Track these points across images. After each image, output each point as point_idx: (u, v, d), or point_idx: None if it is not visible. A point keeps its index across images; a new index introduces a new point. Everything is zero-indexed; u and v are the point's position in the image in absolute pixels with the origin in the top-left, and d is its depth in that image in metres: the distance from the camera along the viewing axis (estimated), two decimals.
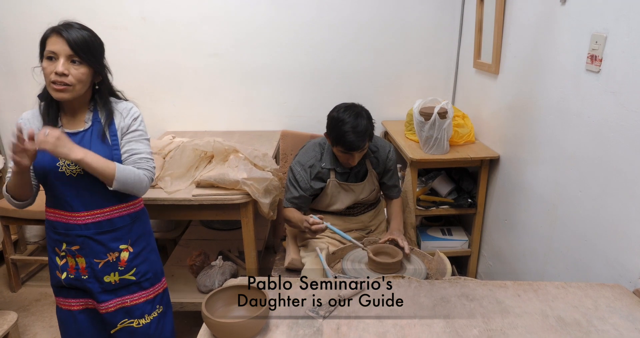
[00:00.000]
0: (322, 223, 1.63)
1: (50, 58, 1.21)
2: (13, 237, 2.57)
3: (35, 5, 2.46)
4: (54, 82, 1.21)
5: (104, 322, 1.42)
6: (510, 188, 2.00)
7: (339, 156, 1.73)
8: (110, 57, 1.34)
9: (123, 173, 1.27)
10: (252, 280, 1.17)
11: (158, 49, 2.55)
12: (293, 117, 2.71)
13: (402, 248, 1.63)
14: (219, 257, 2.07)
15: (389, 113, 2.71)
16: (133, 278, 1.41)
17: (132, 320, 1.43)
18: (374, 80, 2.66)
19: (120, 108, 1.37)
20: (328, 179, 1.79)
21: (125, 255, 1.39)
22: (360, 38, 2.57)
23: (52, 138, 1.15)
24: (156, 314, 1.47)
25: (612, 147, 1.34)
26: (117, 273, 1.38)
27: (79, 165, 1.25)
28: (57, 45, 1.20)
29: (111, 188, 1.28)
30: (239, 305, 1.11)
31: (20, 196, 1.31)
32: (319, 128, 2.54)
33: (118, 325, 1.42)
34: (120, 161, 1.32)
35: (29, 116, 1.33)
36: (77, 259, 1.36)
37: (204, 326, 1.07)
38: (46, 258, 2.51)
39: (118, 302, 1.40)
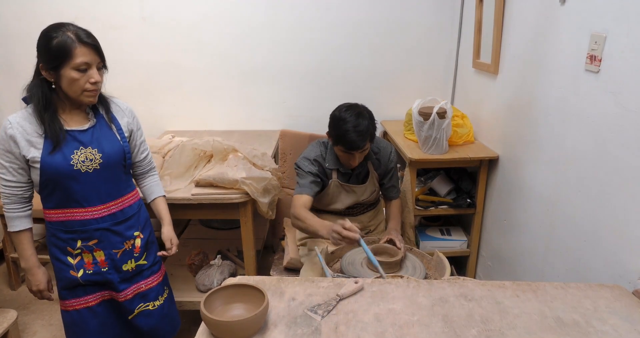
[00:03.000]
0: (357, 233, 1.46)
1: (81, 70, 1.22)
2: None
3: (37, 4, 2.46)
4: (87, 91, 1.25)
5: (120, 310, 1.47)
6: (510, 188, 2.00)
7: (340, 155, 1.72)
8: (110, 57, 1.35)
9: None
10: (250, 279, 1.17)
11: (158, 49, 2.55)
12: (292, 116, 2.71)
13: (398, 249, 1.63)
14: (218, 256, 2.07)
15: (388, 113, 2.71)
16: (146, 262, 1.49)
17: (148, 304, 1.49)
18: (373, 80, 2.66)
19: (118, 104, 1.44)
20: (330, 180, 1.79)
21: (138, 242, 1.46)
22: (360, 38, 2.57)
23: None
24: (166, 295, 1.56)
25: (611, 147, 1.34)
26: (133, 260, 1.45)
27: None
28: (88, 56, 1.22)
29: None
30: (238, 304, 1.11)
31: None
32: (318, 127, 2.54)
33: (135, 310, 1.47)
34: (129, 152, 1.41)
35: (19, 120, 1.28)
36: (94, 253, 1.39)
37: (202, 325, 1.07)
38: (46, 257, 2.52)
39: (134, 288, 1.47)
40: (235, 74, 2.62)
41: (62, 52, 1.19)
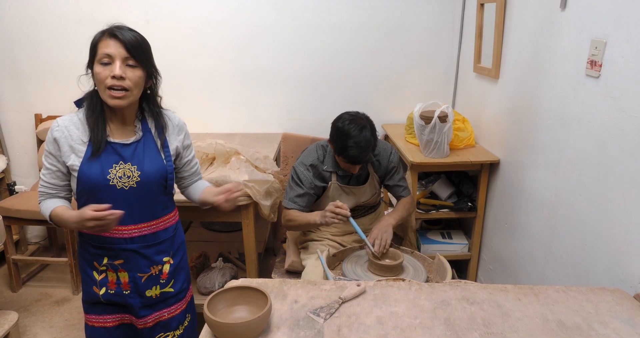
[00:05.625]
0: (347, 210, 1.58)
1: (104, 63, 1.15)
2: (14, 237, 2.57)
3: (40, 8, 2.48)
4: (110, 88, 1.15)
5: (138, 336, 1.38)
6: (510, 192, 2.01)
7: (340, 163, 1.73)
8: None
9: None
10: (253, 281, 1.18)
11: (161, 52, 2.52)
12: (294, 120, 2.72)
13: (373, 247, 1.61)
14: (219, 259, 2.08)
15: (390, 117, 2.72)
16: (172, 290, 1.38)
17: (168, 333, 1.39)
18: (374, 83, 2.67)
19: (171, 119, 1.34)
20: (330, 182, 1.80)
21: (167, 268, 1.36)
22: (362, 42, 2.58)
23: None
24: (187, 323, 1.45)
25: (611, 152, 1.35)
26: (158, 286, 1.35)
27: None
28: (111, 47, 1.14)
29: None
30: (241, 306, 1.11)
31: None
32: (320, 130, 2.55)
33: None
34: (172, 173, 1.31)
35: (67, 124, 1.22)
36: (119, 273, 1.31)
37: (205, 327, 1.07)
38: (47, 259, 2.53)
39: (156, 316, 1.36)
40: (237, 77, 2.64)
41: (92, 46, 1.17)
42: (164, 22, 2.51)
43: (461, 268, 2.50)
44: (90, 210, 1.11)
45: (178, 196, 1.77)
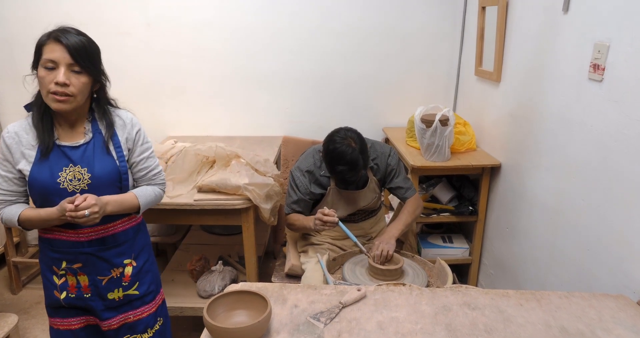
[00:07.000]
0: (335, 217, 1.59)
1: (48, 68, 1.14)
2: (15, 239, 2.56)
3: (41, 10, 2.48)
4: (54, 93, 1.14)
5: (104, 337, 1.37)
6: (512, 196, 2.00)
7: (334, 180, 1.77)
8: (114, 62, 1.32)
9: (145, 200, 1.32)
10: (253, 285, 1.17)
11: (162, 54, 2.56)
12: (295, 123, 2.72)
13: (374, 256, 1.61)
14: (219, 262, 2.07)
15: (390, 120, 2.71)
16: (137, 292, 1.37)
17: (135, 336, 1.38)
18: (375, 87, 2.67)
19: (122, 117, 1.32)
20: (328, 187, 1.79)
21: (129, 270, 1.35)
22: (363, 45, 2.58)
23: (93, 215, 1.14)
24: (158, 326, 1.43)
25: (614, 155, 1.34)
26: (120, 289, 1.34)
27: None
28: (56, 53, 1.13)
29: (138, 215, 1.35)
30: (240, 310, 1.10)
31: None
32: (321, 133, 2.53)
33: None
34: (126, 173, 1.30)
35: (17, 129, 1.23)
36: (78, 277, 1.30)
37: (205, 331, 1.06)
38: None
39: (121, 318, 1.36)
40: (238, 80, 2.63)
41: (36, 49, 1.17)
42: (165, 25, 2.51)
43: (462, 272, 2.48)
44: (67, 203, 1.13)
45: (171, 199, 1.78)
